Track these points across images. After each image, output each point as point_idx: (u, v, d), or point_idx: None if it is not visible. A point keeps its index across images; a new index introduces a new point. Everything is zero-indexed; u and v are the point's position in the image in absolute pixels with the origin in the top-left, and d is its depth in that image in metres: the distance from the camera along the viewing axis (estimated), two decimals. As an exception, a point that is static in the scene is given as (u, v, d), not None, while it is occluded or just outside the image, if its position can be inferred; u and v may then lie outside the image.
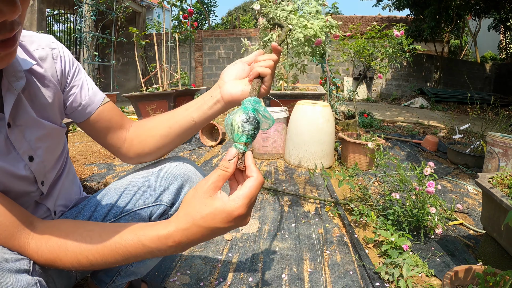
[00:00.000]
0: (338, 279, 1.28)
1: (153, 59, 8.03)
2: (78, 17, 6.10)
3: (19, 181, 0.64)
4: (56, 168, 0.77)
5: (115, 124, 0.80)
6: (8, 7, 0.42)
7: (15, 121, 0.63)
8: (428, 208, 1.59)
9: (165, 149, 0.83)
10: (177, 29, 5.21)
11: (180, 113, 0.78)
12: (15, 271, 0.50)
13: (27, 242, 0.55)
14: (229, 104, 0.73)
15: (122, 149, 0.82)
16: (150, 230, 0.54)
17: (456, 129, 3.55)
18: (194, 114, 0.76)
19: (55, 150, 0.75)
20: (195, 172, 0.86)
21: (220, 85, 0.73)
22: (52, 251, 0.56)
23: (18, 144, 0.63)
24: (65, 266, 0.56)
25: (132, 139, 0.81)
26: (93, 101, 0.77)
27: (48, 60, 0.70)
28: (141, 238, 0.54)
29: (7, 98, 0.60)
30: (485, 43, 16.66)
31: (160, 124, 0.79)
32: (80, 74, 0.77)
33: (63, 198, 0.81)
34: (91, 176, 2.46)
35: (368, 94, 10.29)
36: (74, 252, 0.56)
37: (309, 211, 1.91)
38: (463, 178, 2.71)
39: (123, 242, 0.55)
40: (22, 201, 0.66)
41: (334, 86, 4.28)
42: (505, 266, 1.25)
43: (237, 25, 14.08)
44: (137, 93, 3.96)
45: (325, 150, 2.73)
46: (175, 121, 0.78)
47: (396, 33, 2.86)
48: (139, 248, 0.54)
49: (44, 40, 0.71)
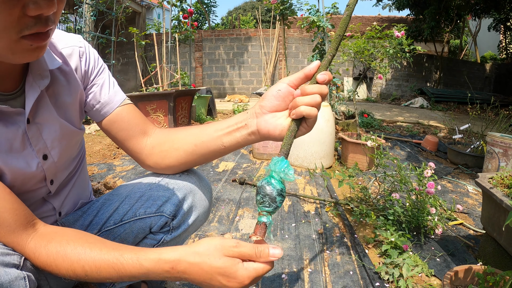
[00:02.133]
0: (338, 279, 1.28)
1: (153, 59, 8.03)
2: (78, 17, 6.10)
3: (28, 177, 0.65)
4: (68, 169, 0.77)
5: (135, 127, 0.77)
6: (45, 2, 0.45)
7: (34, 118, 0.64)
8: (428, 208, 1.59)
9: (187, 165, 0.78)
10: (177, 29, 5.21)
11: (209, 133, 0.70)
12: (4, 264, 0.50)
13: (26, 241, 0.55)
14: (264, 138, 0.65)
15: (141, 155, 0.78)
16: (151, 252, 0.55)
17: (456, 129, 3.55)
18: (224, 139, 0.68)
19: (70, 151, 0.75)
20: (199, 184, 0.83)
21: (257, 114, 0.64)
22: (50, 254, 0.55)
23: (35, 141, 0.64)
24: (60, 273, 0.56)
25: (153, 146, 0.77)
26: (112, 101, 0.76)
27: (74, 57, 0.72)
28: (140, 257, 0.55)
29: (30, 95, 0.61)
30: (485, 43, 16.66)
31: (186, 138, 0.74)
32: (103, 74, 0.77)
33: (71, 200, 0.81)
34: (91, 176, 2.46)
35: (368, 94, 10.29)
36: (71, 260, 0.55)
37: (309, 211, 1.91)
38: (463, 178, 2.71)
39: (121, 259, 0.55)
40: (27, 196, 0.67)
41: (334, 86, 4.28)
42: (505, 266, 1.25)
43: (237, 25, 14.07)
44: (137, 93, 3.96)
45: (325, 150, 2.73)
46: (202, 141, 0.71)
47: (396, 34, 2.86)
48: (136, 267, 0.54)
49: (72, 39, 0.73)
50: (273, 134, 0.62)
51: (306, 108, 0.56)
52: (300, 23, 4.30)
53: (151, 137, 0.79)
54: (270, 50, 9.63)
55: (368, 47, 3.03)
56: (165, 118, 3.72)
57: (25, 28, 0.47)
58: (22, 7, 0.45)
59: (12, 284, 0.49)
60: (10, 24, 0.45)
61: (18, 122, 0.61)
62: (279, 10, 4.64)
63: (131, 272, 0.55)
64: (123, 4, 6.06)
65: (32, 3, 0.44)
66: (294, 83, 0.61)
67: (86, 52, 0.74)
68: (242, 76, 10.00)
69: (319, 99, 0.57)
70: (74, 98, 0.72)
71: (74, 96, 0.72)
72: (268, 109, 0.62)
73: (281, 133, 0.61)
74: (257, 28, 9.78)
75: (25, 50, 0.50)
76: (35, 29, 0.48)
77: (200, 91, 5.45)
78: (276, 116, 0.62)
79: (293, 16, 8.55)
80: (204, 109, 5.09)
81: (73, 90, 0.71)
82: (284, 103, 0.62)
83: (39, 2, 0.45)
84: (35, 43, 0.49)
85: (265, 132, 0.63)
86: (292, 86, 0.61)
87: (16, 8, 0.44)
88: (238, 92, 9.89)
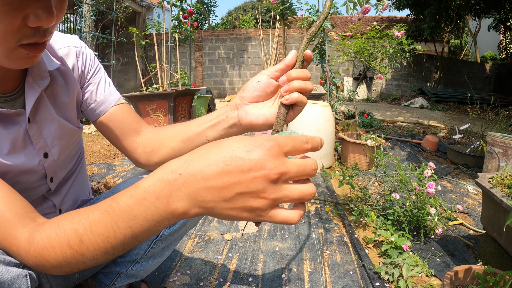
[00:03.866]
0: (338, 279, 1.28)
1: (153, 59, 8.03)
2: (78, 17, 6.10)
3: (30, 175, 0.66)
4: (67, 167, 0.78)
5: (129, 126, 0.79)
6: (46, 16, 0.47)
7: (34, 118, 0.65)
8: (428, 209, 1.59)
9: None
10: (177, 29, 5.20)
11: (193, 129, 0.71)
12: (5, 263, 0.49)
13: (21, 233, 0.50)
14: (247, 130, 0.64)
15: (135, 154, 0.81)
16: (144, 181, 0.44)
17: (456, 129, 3.55)
18: (208, 133, 0.68)
19: (70, 149, 0.77)
20: None
21: (237, 105, 0.63)
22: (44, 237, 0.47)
23: (35, 140, 0.65)
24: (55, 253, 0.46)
25: (145, 145, 0.80)
26: (107, 100, 0.78)
27: (71, 57, 0.74)
28: (132, 191, 0.43)
29: (30, 95, 0.63)
30: (485, 43, 16.66)
31: (173, 136, 0.75)
32: (99, 73, 0.79)
33: (71, 197, 0.82)
34: (91, 176, 2.46)
35: (368, 94, 10.29)
36: (64, 229, 0.46)
37: (309, 211, 1.91)
38: (463, 178, 2.71)
39: (113, 202, 0.44)
40: (28, 194, 0.67)
41: (334, 86, 4.28)
42: (505, 266, 1.25)
43: (237, 25, 14.07)
44: (137, 93, 3.96)
45: (325, 150, 2.73)
46: (188, 137, 0.72)
47: (396, 34, 2.86)
48: (130, 203, 0.42)
49: (68, 39, 0.75)
50: (256, 124, 0.61)
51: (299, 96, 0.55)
52: (300, 23, 4.30)
53: (143, 136, 0.81)
54: (270, 50, 9.62)
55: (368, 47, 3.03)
56: (165, 118, 3.72)
57: (24, 37, 0.48)
58: (23, 18, 0.46)
59: (14, 282, 0.48)
60: (10, 33, 0.47)
61: (19, 122, 0.62)
62: (279, 10, 4.65)
63: (128, 213, 0.42)
64: (123, 4, 6.05)
65: (33, 15, 0.46)
66: (275, 74, 0.60)
67: (83, 52, 0.76)
68: (242, 76, 10.00)
69: (309, 85, 0.56)
70: (71, 98, 0.73)
71: (72, 96, 0.73)
72: (249, 100, 0.62)
73: (265, 123, 0.61)
74: (257, 28, 9.78)
75: (20, 58, 0.52)
76: (33, 39, 0.49)
77: (200, 91, 5.44)
78: (257, 107, 0.62)
79: (293, 16, 8.55)
80: (204, 109, 5.09)
81: (71, 90, 0.73)
82: (264, 94, 0.61)
83: (40, 14, 0.46)
84: (31, 52, 0.51)
85: (247, 123, 0.62)
86: (273, 77, 0.60)
87: (17, 19, 0.46)
88: (238, 92, 9.90)
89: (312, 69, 9.67)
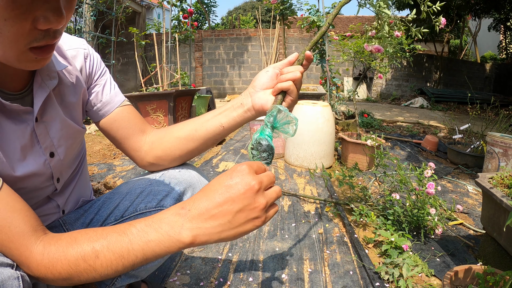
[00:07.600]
0: (338, 279, 1.28)
1: (153, 59, 8.03)
2: (78, 17, 6.10)
3: (37, 175, 0.66)
4: (72, 167, 0.79)
5: (135, 126, 0.81)
6: (55, 17, 0.47)
7: (42, 117, 0.66)
8: (428, 209, 1.59)
9: (189, 153, 0.82)
10: (177, 29, 5.20)
11: (207, 118, 0.77)
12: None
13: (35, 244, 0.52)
14: (260, 113, 0.74)
15: (140, 153, 0.82)
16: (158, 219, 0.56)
17: (456, 129, 3.55)
18: (222, 119, 0.75)
19: (74, 150, 0.77)
20: (199, 179, 0.85)
21: (251, 93, 0.74)
22: (60, 250, 0.52)
23: (42, 139, 0.66)
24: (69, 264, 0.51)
25: (153, 142, 0.81)
26: (113, 101, 0.80)
27: (79, 58, 0.75)
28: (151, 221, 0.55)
29: (38, 95, 0.63)
30: (485, 43, 16.66)
31: (185, 126, 0.79)
32: (105, 75, 0.81)
33: (74, 198, 0.82)
34: (91, 176, 2.45)
35: (368, 94, 10.29)
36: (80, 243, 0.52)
37: (309, 211, 1.91)
38: (463, 178, 2.71)
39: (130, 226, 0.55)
40: (35, 194, 0.68)
41: (334, 86, 4.28)
42: (505, 266, 1.25)
43: (237, 25, 14.07)
44: (137, 93, 3.96)
45: (325, 150, 2.73)
46: (201, 125, 0.77)
47: (396, 33, 2.86)
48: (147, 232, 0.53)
49: (76, 42, 0.77)
50: (266, 107, 0.71)
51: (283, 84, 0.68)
52: (300, 23, 4.31)
53: (150, 135, 0.83)
54: (270, 50, 9.61)
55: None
56: (165, 118, 3.72)
57: (34, 40, 0.49)
58: (33, 20, 0.46)
59: (5, 283, 0.48)
60: (21, 36, 0.47)
61: (26, 121, 0.63)
62: (279, 10, 4.65)
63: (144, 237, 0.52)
64: (123, 4, 6.05)
65: (42, 18, 0.46)
66: (279, 68, 0.73)
67: (90, 54, 0.78)
68: (242, 76, 10.00)
69: (298, 74, 0.68)
70: (78, 98, 0.74)
71: (78, 96, 0.74)
72: (260, 87, 0.73)
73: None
74: (257, 28, 9.77)
75: (30, 60, 0.52)
76: (44, 41, 0.49)
77: (200, 91, 5.44)
78: (266, 93, 0.72)
79: (293, 16, 8.55)
80: (204, 109, 5.09)
81: (78, 90, 0.74)
82: (272, 82, 0.72)
83: (49, 17, 0.46)
84: (39, 56, 0.51)
85: (259, 107, 0.72)
86: (279, 69, 0.73)
87: (27, 22, 0.46)
88: (238, 92, 9.89)
89: (312, 69, 9.67)
